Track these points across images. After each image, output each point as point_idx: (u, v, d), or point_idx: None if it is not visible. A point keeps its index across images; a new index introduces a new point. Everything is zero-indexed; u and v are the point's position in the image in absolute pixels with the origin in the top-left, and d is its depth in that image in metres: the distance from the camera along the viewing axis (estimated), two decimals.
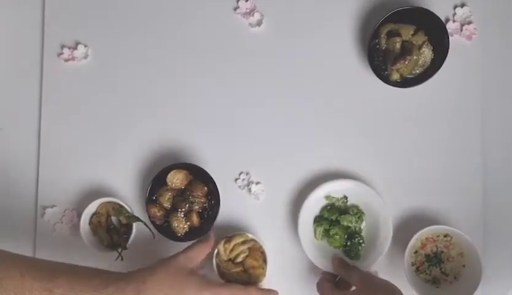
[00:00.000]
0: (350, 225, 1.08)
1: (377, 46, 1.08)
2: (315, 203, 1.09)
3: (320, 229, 1.08)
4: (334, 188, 1.09)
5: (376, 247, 1.07)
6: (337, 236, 1.08)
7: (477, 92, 1.11)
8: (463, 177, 1.10)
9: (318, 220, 1.09)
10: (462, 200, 1.10)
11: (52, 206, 1.13)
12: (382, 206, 1.06)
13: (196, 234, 1.07)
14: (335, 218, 1.08)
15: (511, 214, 1.10)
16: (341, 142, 1.12)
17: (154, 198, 1.08)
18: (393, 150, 1.11)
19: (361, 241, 1.08)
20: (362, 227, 1.09)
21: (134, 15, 1.15)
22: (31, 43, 1.15)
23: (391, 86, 1.08)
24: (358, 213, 1.08)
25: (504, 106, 1.11)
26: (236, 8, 1.13)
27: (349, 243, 1.08)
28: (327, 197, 1.10)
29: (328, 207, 1.09)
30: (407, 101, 1.11)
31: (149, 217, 1.08)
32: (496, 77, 1.11)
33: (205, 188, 1.08)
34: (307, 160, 1.11)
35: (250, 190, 1.11)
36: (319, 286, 1.04)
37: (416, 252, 1.07)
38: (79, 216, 1.10)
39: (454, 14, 1.11)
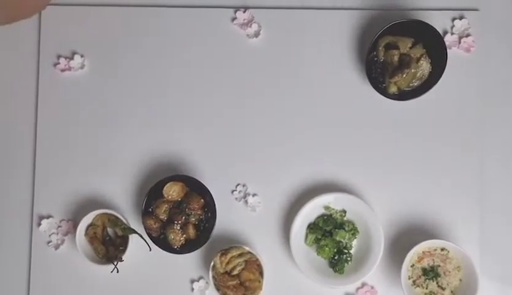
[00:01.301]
0: (342, 240, 1.07)
1: (375, 58, 1.08)
2: (312, 210, 1.08)
3: (312, 236, 1.08)
4: (335, 200, 1.08)
5: (361, 268, 1.06)
6: (327, 248, 1.07)
7: (475, 104, 1.10)
8: (461, 191, 1.09)
9: (312, 227, 1.09)
10: (460, 214, 1.09)
11: (48, 217, 1.12)
12: (377, 230, 1.06)
13: (192, 246, 1.07)
14: (329, 229, 1.08)
15: (508, 229, 1.09)
16: (338, 155, 1.11)
17: (150, 210, 1.08)
18: (389, 163, 1.11)
19: (348, 258, 1.08)
20: (353, 244, 1.09)
21: (130, 25, 1.14)
22: (27, 53, 1.14)
23: (389, 99, 1.07)
24: (353, 230, 1.08)
25: (502, 119, 1.11)
26: (233, 19, 1.13)
27: (336, 257, 1.08)
28: (326, 207, 1.09)
29: (325, 217, 1.09)
30: (405, 114, 1.10)
31: (145, 229, 1.07)
32: (495, 89, 1.11)
33: (202, 200, 1.08)
34: (304, 172, 1.11)
35: (246, 202, 1.11)
36: None
37: (413, 265, 1.07)
38: (75, 227, 1.10)
39: (453, 26, 1.10)
